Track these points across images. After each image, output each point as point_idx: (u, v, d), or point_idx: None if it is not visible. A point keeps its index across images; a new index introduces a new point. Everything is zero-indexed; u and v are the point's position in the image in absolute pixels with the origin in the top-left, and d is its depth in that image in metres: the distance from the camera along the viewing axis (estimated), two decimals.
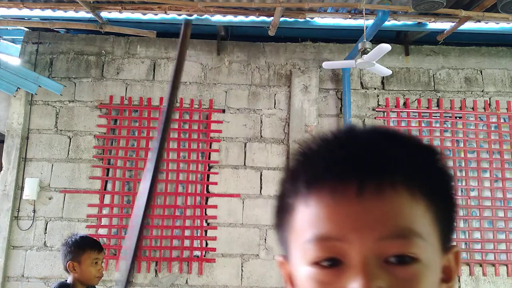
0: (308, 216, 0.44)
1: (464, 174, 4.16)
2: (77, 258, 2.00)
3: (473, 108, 4.28)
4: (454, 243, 0.47)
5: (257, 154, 4.15)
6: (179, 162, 4.12)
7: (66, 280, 2.08)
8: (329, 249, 0.42)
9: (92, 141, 4.15)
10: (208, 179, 4.11)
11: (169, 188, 4.09)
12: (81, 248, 2.02)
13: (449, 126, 4.24)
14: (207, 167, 4.15)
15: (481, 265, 3.99)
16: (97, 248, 2.08)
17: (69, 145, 4.14)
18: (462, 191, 4.15)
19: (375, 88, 4.33)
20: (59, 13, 3.81)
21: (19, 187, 4.04)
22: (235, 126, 4.21)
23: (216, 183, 4.09)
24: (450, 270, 0.46)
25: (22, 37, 4.37)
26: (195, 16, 3.80)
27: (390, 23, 3.84)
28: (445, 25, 3.89)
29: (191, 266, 3.94)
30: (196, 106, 4.22)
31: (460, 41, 4.37)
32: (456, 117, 4.27)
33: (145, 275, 3.92)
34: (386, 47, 2.88)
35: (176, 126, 4.16)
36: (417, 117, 4.28)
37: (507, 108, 4.28)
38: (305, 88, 4.19)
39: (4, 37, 4.58)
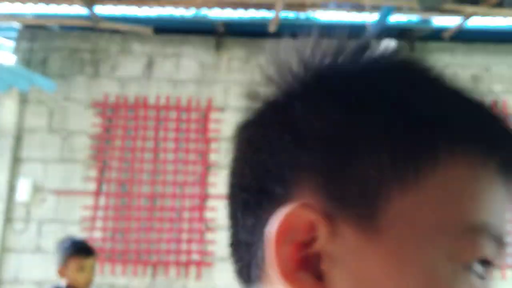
0: (483, 187, 0.30)
1: None
2: (64, 263, 2.00)
3: None
4: None
5: None
6: (177, 163, 4.04)
7: (61, 285, 2.11)
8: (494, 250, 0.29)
9: (86, 141, 4.08)
10: (206, 181, 4.04)
11: (167, 189, 4.02)
12: (67, 253, 2.01)
13: None
14: (206, 168, 4.07)
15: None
16: (83, 253, 2.07)
17: (63, 145, 4.08)
18: None
19: None
20: (53, 9, 3.77)
21: (12, 189, 3.97)
22: (235, 125, 4.12)
23: (215, 185, 4.01)
24: None
25: (16, 34, 4.31)
26: (193, 11, 3.75)
27: (394, 19, 3.77)
28: (452, 22, 3.83)
29: (188, 270, 3.87)
30: (194, 105, 4.14)
31: (467, 38, 4.30)
32: None
33: (141, 279, 3.85)
34: (390, 44, 2.78)
35: (174, 126, 4.09)
36: None
37: None
38: None
39: None
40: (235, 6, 3.65)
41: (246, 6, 3.67)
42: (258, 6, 3.65)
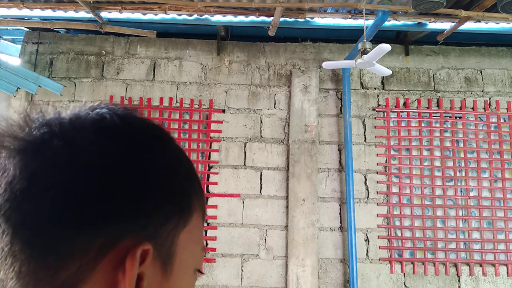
0: (201, 227, 0.50)
1: (464, 174, 4.17)
2: None
3: (473, 108, 4.29)
4: None
5: (257, 154, 4.16)
6: None
7: None
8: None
9: None
10: (208, 179, 4.12)
11: None
12: None
13: (449, 126, 4.24)
14: (207, 167, 4.15)
15: (481, 265, 3.99)
16: None
17: None
18: (462, 191, 4.15)
19: (375, 88, 4.33)
20: (59, 13, 3.80)
21: None
22: (235, 126, 4.22)
23: (216, 183, 4.10)
24: None
25: (22, 37, 4.38)
26: (195, 16, 3.81)
27: (390, 23, 3.85)
28: (445, 25, 3.89)
29: None
30: (196, 106, 4.23)
31: (460, 41, 4.38)
32: (456, 117, 4.27)
33: None
34: (386, 47, 2.88)
35: (176, 126, 4.18)
36: (417, 117, 4.29)
37: (507, 108, 4.29)
38: (305, 88, 4.19)
39: (4, 37, 4.59)
40: (235, 13, 3.73)
41: (246, 14, 3.74)
42: (258, 12, 3.73)
